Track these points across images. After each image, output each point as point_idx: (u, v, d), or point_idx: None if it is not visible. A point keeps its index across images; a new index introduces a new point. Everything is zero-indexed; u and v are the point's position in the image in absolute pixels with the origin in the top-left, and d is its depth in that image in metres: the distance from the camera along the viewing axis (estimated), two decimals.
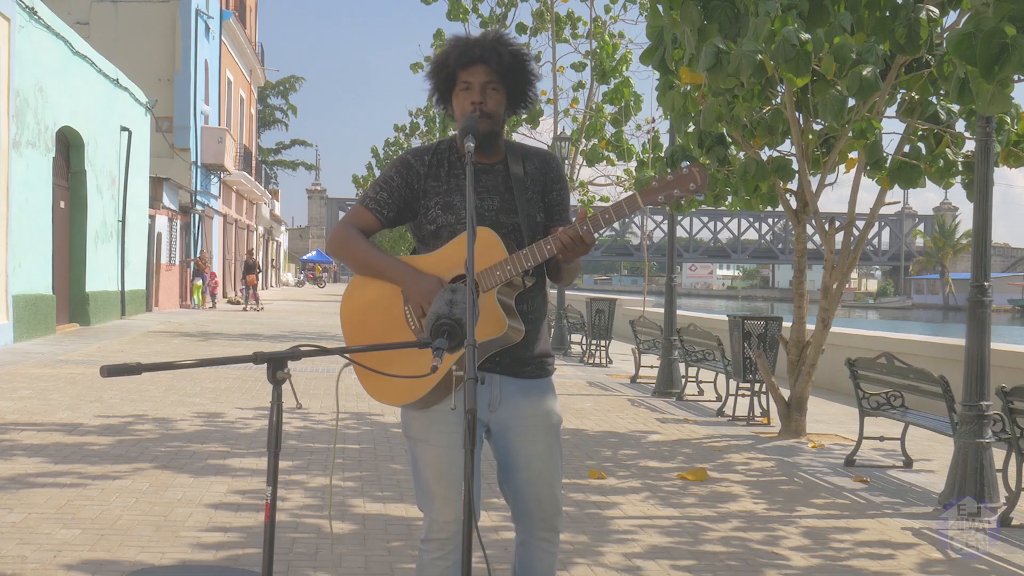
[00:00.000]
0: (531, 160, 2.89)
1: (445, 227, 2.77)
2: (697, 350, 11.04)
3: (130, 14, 28.53)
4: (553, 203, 2.89)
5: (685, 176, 2.63)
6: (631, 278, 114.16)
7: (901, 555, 4.91)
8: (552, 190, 2.89)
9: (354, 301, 2.83)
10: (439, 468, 2.74)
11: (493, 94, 2.76)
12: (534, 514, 2.84)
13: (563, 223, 2.87)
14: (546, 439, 2.83)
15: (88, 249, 18.58)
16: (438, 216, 2.78)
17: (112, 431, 7.50)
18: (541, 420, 2.82)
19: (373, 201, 2.83)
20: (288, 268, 76.38)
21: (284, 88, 66.10)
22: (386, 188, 2.83)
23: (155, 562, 4.31)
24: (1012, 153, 7.50)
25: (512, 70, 2.77)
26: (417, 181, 2.81)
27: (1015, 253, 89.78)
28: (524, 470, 2.81)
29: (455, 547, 2.76)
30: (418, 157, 2.84)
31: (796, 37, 6.30)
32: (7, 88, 13.94)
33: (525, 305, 2.78)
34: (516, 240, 2.76)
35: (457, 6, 19.45)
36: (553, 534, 2.90)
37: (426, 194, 2.81)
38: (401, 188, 2.82)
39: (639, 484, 6.34)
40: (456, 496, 2.73)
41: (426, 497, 2.78)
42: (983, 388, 5.89)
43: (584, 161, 19.01)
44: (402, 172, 2.83)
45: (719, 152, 8.52)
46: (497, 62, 2.73)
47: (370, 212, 2.83)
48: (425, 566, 2.79)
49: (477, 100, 2.74)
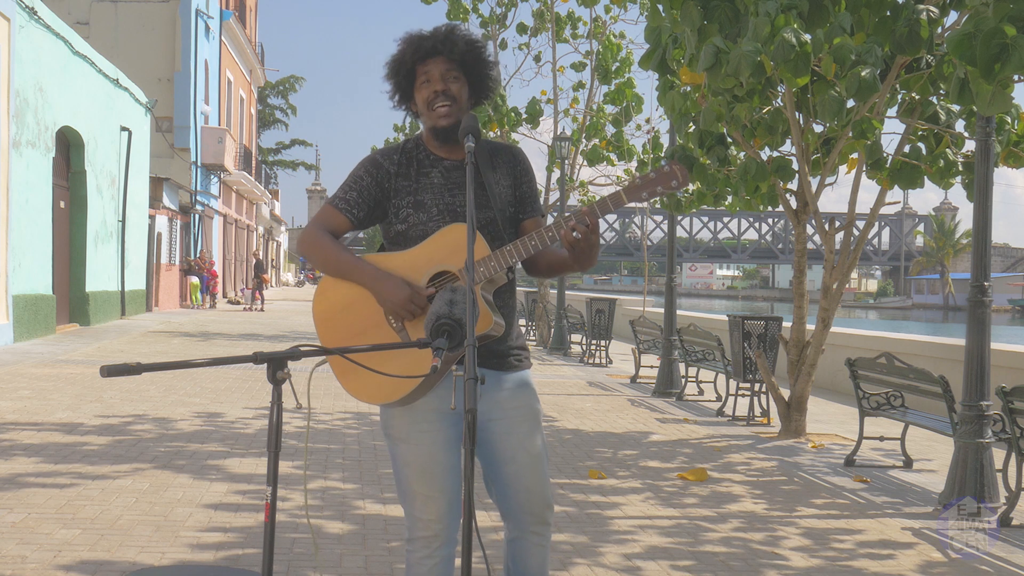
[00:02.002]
0: (499, 155, 2.91)
1: (416, 226, 2.77)
2: (697, 350, 11.04)
3: (130, 14, 28.54)
4: (524, 196, 2.90)
5: (667, 174, 2.65)
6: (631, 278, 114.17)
7: (901, 555, 4.91)
8: (522, 183, 2.90)
9: (328, 300, 2.80)
10: (420, 466, 2.74)
11: (454, 82, 2.78)
12: (524, 507, 2.83)
13: (534, 214, 2.90)
14: (530, 430, 2.83)
15: (88, 249, 18.57)
16: (409, 215, 2.78)
17: (112, 431, 7.50)
18: (523, 412, 2.83)
19: (343, 201, 2.82)
20: (288, 268, 76.40)
21: (284, 88, 66.04)
22: (356, 187, 2.82)
23: (155, 562, 4.31)
24: (1012, 153, 7.50)
25: (468, 57, 2.79)
26: (387, 180, 2.81)
27: (1015, 253, 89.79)
28: (510, 462, 2.80)
29: (441, 544, 2.76)
30: (387, 156, 2.84)
31: (796, 37, 6.31)
32: (7, 88, 13.94)
33: (500, 299, 2.79)
34: (491, 234, 2.77)
35: (457, 6, 19.45)
36: (545, 528, 2.88)
37: (396, 193, 2.80)
38: (371, 187, 2.82)
39: (639, 484, 6.34)
40: (437, 494, 2.73)
41: (407, 495, 2.77)
42: (983, 388, 5.89)
43: (584, 161, 19.01)
44: (371, 171, 2.82)
45: (719, 152, 8.52)
46: (451, 51, 2.76)
47: (340, 212, 2.82)
48: (413, 565, 2.78)
49: (439, 88, 2.76)
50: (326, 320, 2.80)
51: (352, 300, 2.75)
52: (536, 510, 2.84)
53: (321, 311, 2.81)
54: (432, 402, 2.72)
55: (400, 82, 2.83)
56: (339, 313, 2.78)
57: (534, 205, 2.92)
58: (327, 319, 2.80)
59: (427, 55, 2.76)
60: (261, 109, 58.84)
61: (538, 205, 2.95)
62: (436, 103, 2.76)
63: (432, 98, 2.76)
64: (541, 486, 2.84)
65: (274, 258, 60.26)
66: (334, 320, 2.78)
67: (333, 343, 2.75)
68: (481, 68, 2.83)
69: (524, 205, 2.90)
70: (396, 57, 2.81)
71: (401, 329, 2.70)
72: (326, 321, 2.80)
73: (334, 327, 2.78)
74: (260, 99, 55.65)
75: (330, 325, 2.79)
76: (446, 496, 2.74)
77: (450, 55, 2.76)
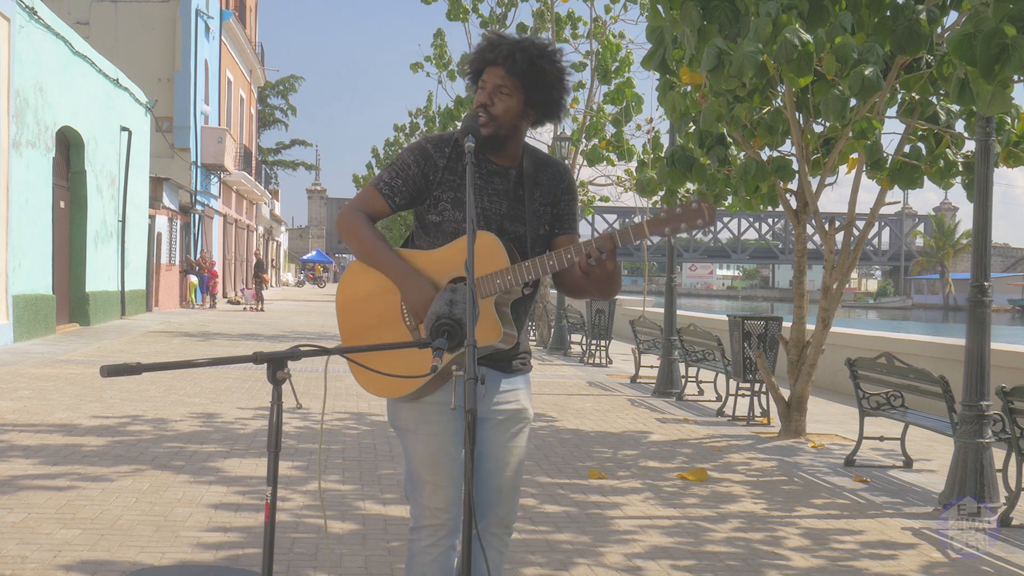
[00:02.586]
0: (545, 170, 2.88)
1: (451, 222, 2.75)
2: (697, 350, 11.04)
3: (130, 14, 28.53)
4: (562, 213, 2.88)
5: (694, 211, 2.58)
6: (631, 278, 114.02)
7: (901, 555, 4.91)
8: (561, 201, 2.88)
9: (351, 290, 2.81)
10: (430, 456, 2.75)
11: (504, 98, 2.73)
12: (489, 506, 2.82)
13: (569, 232, 2.88)
14: (516, 434, 2.85)
15: (88, 249, 18.57)
16: (446, 210, 2.76)
17: (112, 431, 7.50)
18: (514, 415, 2.84)
19: (387, 187, 2.79)
20: (288, 268, 76.38)
21: (284, 88, 66.08)
22: (402, 175, 2.79)
23: (155, 562, 4.31)
24: (1012, 153, 7.50)
25: (528, 76, 2.73)
26: (434, 172, 2.78)
27: (1015, 253, 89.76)
28: (489, 460, 2.81)
29: (447, 534, 2.76)
30: (438, 148, 2.79)
31: (798, 37, 6.30)
32: (7, 88, 13.94)
33: (515, 312, 2.79)
34: (519, 248, 2.76)
35: (457, 6, 19.46)
36: (505, 531, 2.88)
37: (440, 186, 2.77)
38: (417, 177, 2.78)
39: (639, 484, 6.34)
40: (447, 483, 2.74)
41: (415, 484, 2.78)
42: (983, 388, 5.89)
43: (584, 161, 19.01)
44: (420, 161, 2.78)
45: (719, 152, 8.52)
46: (511, 67, 2.71)
47: (383, 197, 2.79)
48: (416, 555, 2.78)
49: (484, 102, 2.74)
50: (346, 307, 2.81)
51: (375, 291, 2.76)
52: (501, 512, 2.85)
53: (344, 298, 2.82)
54: (440, 395, 2.73)
55: (473, 78, 2.81)
56: (359, 302, 2.79)
57: (571, 223, 2.90)
58: (347, 306, 2.81)
59: (488, 63, 2.75)
60: (261, 109, 58.84)
61: (575, 223, 2.92)
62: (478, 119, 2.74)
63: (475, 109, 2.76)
64: (512, 489, 2.86)
65: (274, 258, 60.25)
66: (354, 308, 2.80)
67: (348, 331, 2.79)
68: (543, 89, 2.76)
69: (560, 222, 2.88)
70: (471, 57, 2.82)
71: (415, 328, 2.71)
72: (346, 308, 2.81)
73: (352, 315, 2.80)
74: (260, 99, 55.65)
75: (349, 313, 2.80)
76: (454, 486, 2.75)
77: (510, 70, 2.72)
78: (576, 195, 2.96)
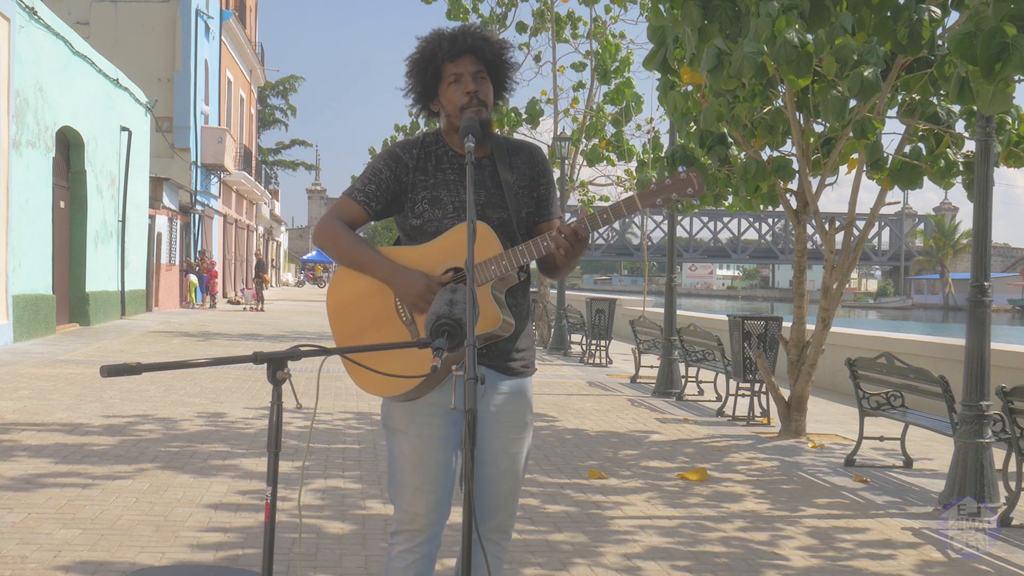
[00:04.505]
0: (518, 154, 2.89)
1: (431, 221, 2.76)
2: (697, 350, 11.04)
3: (130, 14, 28.53)
4: (541, 197, 2.89)
5: (683, 180, 2.62)
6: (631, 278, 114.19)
7: (901, 555, 4.91)
8: (539, 184, 2.89)
9: (341, 293, 2.81)
10: (415, 458, 2.73)
11: (483, 83, 2.78)
12: (489, 512, 2.81)
13: (550, 217, 2.89)
14: (516, 439, 2.82)
15: (88, 249, 18.57)
16: (424, 210, 2.77)
17: (112, 431, 7.50)
18: (516, 418, 2.82)
19: (361, 193, 2.81)
20: (288, 268, 76.38)
21: (284, 88, 66.06)
22: (375, 180, 2.81)
23: (155, 562, 4.31)
24: (1012, 153, 7.50)
25: (496, 59, 2.80)
26: (405, 175, 2.80)
27: (1015, 253, 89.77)
28: (489, 465, 2.79)
29: (424, 540, 2.74)
30: (406, 150, 2.82)
31: (798, 38, 6.30)
32: (7, 88, 13.94)
33: (513, 299, 2.79)
34: (505, 234, 2.76)
35: (457, 6, 19.46)
36: (503, 536, 2.86)
37: (413, 188, 2.79)
38: (390, 181, 2.80)
39: (640, 484, 6.34)
40: (428, 488, 2.72)
41: (398, 487, 2.77)
42: (983, 388, 5.89)
43: (584, 161, 19.02)
44: (391, 165, 2.81)
45: (720, 152, 8.52)
46: (482, 52, 2.76)
47: (358, 204, 2.81)
48: (393, 559, 2.76)
49: (472, 89, 2.75)
50: (338, 311, 2.81)
51: (365, 292, 2.76)
52: (500, 517, 2.83)
53: (334, 302, 2.82)
54: (435, 397, 2.72)
55: (426, 80, 2.80)
56: (351, 304, 2.79)
57: (551, 208, 2.91)
58: (339, 310, 2.81)
59: (459, 53, 2.75)
60: (261, 109, 58.83)
61: (555, 207, 2.93)
62: (470, 108, 2.74)
63: (467, 102, 2.75)
64: (512, 495, 2.84)
65: (274, 258, 60.26)
66: (346, 311, 2.80)
67: (343, 334, 2.78)
68: (506, 71, 2.84)
69: (541, 207, 2.89)
70: (426, 53, 2.78)
71: (411, 323, 2.70)
72: (338, 312, 2.81)
73: (345, 318, 2.79)
74: (260, 99, 55.64)
75: (341, 317, 2.80)
76: (436, 492, 2.73)
77: (480, 55, 2.76)
78: (552, 178, 2.98)
